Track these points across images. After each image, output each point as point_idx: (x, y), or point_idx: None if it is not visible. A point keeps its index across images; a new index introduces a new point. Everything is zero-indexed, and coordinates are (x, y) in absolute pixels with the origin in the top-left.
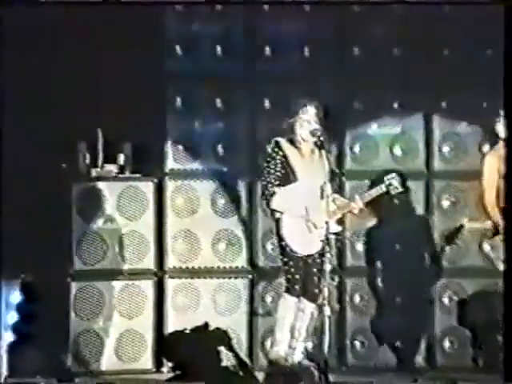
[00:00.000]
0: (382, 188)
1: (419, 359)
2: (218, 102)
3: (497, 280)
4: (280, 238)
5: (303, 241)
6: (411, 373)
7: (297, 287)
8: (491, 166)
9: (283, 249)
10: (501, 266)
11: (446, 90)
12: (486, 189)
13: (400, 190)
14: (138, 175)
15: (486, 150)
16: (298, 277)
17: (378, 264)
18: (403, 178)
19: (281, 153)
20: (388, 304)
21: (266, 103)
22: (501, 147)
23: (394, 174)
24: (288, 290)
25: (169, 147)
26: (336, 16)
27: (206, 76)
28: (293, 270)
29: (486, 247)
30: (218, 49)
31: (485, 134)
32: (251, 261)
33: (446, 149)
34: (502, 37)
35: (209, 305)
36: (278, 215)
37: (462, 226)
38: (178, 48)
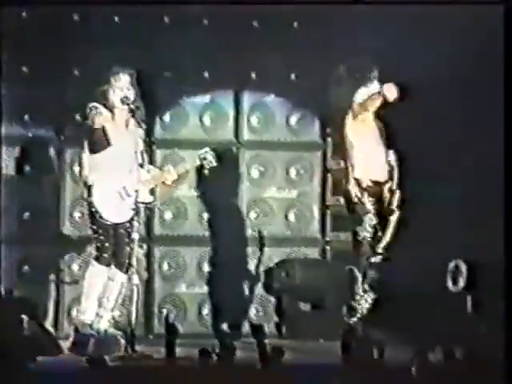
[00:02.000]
0: (195, 161)
1: (224, 327)
2: (25, 68)
3: (300, 248)
4: (90, 205)
5: (114, 209)
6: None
7: (106, 256)
8: (350, 129)
9: (93, 216)
10: (363, 234)
11: (254, 61)
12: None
13: (214, 164)
14: None
15: (294, 121)
16: (107, 245)
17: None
18: (216, 152)
19: (98, 116)
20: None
21: (76, 70)
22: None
23: (207, 149)
24: (97, 259)
25: None
26: None
27: (10, 40)
28: (102, 238)
29: (291, 216)
30: (24, 13)
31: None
32: (58, 228)
33: (254, 119)
34: (502, 37)
35: (14, 272)
36: (90, 182)
37: None
38: None
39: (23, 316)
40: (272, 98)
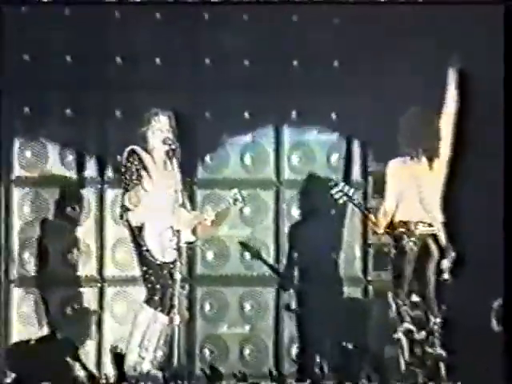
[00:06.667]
0: (229, 202)
1: (268, 367)
2: (69, 111)
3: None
4: (140, 245)
5: (161, 249)
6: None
7: (156, 298)
8: (392, 173)
9: (143, 256)
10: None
11: (294, 100)
12: (385, 196)
13: (243, 204)
14: None
15: (334, 160)
16: (158, 287)
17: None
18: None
19: (136, 162)
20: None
21: (118, 112)
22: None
23: (236, 190)
24: (148, 301)
25: (15, 153)
26: (189, 26)
27: (55, 84)
28: (153, 278)
29: None
30: (68, 57)
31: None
32: (100, 270)
33: (295, 158)
34: (502, 37)
35: (57, 314)
36: (134, 223)
37: None
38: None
39: (68, 358)
40: (313, 136)
